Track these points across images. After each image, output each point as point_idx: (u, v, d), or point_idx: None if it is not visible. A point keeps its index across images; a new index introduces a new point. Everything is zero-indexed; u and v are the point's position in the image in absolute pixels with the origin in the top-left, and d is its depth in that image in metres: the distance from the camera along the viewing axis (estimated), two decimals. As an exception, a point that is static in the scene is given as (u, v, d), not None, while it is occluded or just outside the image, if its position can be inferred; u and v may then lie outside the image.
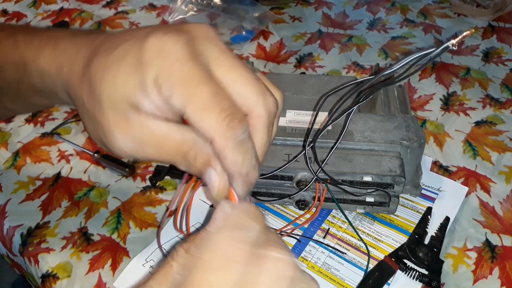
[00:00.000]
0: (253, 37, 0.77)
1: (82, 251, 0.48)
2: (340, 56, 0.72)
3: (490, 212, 0.49)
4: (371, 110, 0.54)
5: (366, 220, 0.48)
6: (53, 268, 0.47)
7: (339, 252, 0.46)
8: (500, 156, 0.55)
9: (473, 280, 0.44)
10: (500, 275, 0.44)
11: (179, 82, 0.26)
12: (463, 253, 0.46)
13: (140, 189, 0.54)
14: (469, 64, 0.69)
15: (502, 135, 0.58)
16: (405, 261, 0.44)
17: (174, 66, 0.26)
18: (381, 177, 0.43)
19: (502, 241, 0.47)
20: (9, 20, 0.86)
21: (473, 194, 0.51)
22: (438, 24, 0.77)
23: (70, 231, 0.50)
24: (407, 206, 0.49)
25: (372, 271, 0.43)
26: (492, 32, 0.75)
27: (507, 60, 0.69)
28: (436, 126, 0.59)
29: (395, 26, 0.78)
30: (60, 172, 0.57)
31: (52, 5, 0.90)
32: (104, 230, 0.50)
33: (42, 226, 0.51)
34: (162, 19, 0.83)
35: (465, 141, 0.57)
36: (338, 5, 0.85)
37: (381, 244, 0.46)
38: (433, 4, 0.82)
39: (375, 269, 0.43)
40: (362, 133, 0.46)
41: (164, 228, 0.49)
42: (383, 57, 0.71)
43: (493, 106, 0.62)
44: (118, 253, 0.47)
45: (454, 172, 0.53)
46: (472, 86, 0.65)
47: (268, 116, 0.28)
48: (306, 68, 0.70)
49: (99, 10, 0.88)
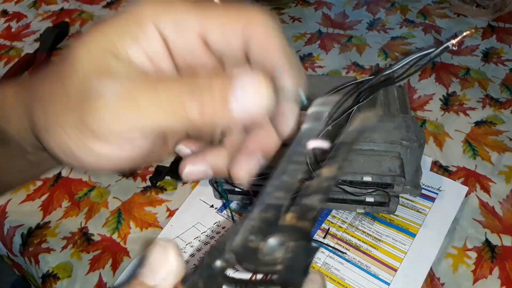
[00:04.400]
0: (253, 37, 0.77)
1: (82, 251, 0.48)
2: (340, 56, 0.72)
3: (490, 212, 0.49)
4: (371, 110, 0.54)
5: (366, 220, 0.48)
6: (54, 268, 0.47)
7: (339, 252, 0.46)
8: (499, 156, 0.55)
9: (473, 280, 0.44)
10: (500, 275, 0.44)
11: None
12: (463, 253, 0.46)
13: (141, 189, 0.54)
14: (468, 64, 0.69)
15: (501, 135, 0.58)
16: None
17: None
18: (381, 177, 0.43)
19: (502, 241, 0.47)
20: (10, 20, 0.87)
21: (473, 194, 0.51)
22: (437, 24, 0.77)
23: (70, 231, 0.50)
24: (407, 206, 0.49)
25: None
26: (491, 32, 0.75)
27: (507, 60, 0.69)
28: (436, 126, 0.59)
29: (395, 26, 0.78)
30: (61, 172, 0.57)
31: (52, 5, 0.90)
32: (105, 230, 0.50)
33: (42, 226, 0.51)
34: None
35: (465, 141, 0.57)
36: (337, 5, 0.85)
37: (381, 244, 0.46)
38: (432, 4, 0.82)
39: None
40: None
41: (164, 228, 0.49)
42: (383, 57, 0.71)
43: (492, 106, 0.62)
44: (119, 253, 0.47)
45: (454, 172, 0.53)
46: (472, 86, 0.65)
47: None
48: (306, 69, 0.70)
49: (100, 11, 0.88)
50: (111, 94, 0.21)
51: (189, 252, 0.46)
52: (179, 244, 0.47)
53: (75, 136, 0.23)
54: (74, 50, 0.23)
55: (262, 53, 0.23)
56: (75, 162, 0.24)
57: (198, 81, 0.20)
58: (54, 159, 0.25)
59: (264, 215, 0.19)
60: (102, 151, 0.23)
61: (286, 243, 0.19)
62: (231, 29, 0.22)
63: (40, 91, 0.25)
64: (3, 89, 0.28)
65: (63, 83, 0.23)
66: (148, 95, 0.21)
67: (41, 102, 0.24)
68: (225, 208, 0.50)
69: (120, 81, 0.21)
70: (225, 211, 0.50)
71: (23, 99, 0.26)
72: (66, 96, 0.23)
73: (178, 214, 0.50)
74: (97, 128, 0.22)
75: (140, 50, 0.22)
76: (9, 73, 0.72)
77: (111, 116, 0.21)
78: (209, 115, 0.20)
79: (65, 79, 0.23)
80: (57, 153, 0.24)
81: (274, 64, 0.22)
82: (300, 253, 0.20)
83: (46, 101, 0.24)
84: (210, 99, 0.20)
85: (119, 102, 0.21)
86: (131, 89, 0.21)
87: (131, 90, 0.21)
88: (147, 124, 0.21)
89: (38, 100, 0.24)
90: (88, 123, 0.22)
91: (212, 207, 0.51)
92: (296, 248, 0.19)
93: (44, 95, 0.24)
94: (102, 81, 0.21)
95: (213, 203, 0.51)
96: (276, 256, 0.19)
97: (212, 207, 0.51)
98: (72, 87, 0.22)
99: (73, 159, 0.23)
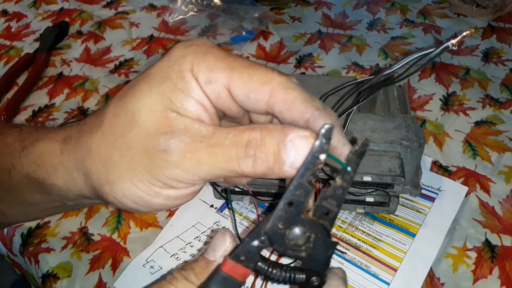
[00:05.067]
0: (253, 37, 0.77)
1: (82, 251, 0.48)
2: (340, 56, 0.72)
3: (490, 212, 0.49)
4: (371, 110, 0.54)
5: (366, 220, 0.48)
6: (54, 268, 0.47)
7: (339, 252, 0.46)
8: (499, 156, 0.55)
9: (473, 280, 0.44)
10: (500, 275, 0.44)
11: (228, 62, 0.25)
12: (462, 253, 0.46)
13: (140, 189, 0.54)
14: (468, 64, 0.69)
15: (501, 135, 0.58)
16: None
17: (214, 50, 0.25)
18: (381, 177, 0.43)
19: (502, 241, 0.47)
20: (9, 20, 0.87)
21: (472, 194, 0.51)
22: (437, 24, 0.77)
23: (70, 231, 0.50)
24: (407, 206, 0.49)
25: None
26: (491, 32, 0.75)
27: (507, 60, 0.69)
28: (435, 126, 0.59)
29: (395, 26, 0.78)
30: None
31: (52, 5, 0.90)
32: (105, 230, 0.50)
33: (42, 226, 0.51)
34: (162, 19, 0.83)
35: (464, 141, 0.57)
36: (338, 5, 0.85)
37: (381, 244, 0.46)
38: (432, 4, 0.82)
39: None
40: (362, 133, 0.46)
41: (164, 228, 0.49)
42: (383, 57, 0.71)
43: (492, 106, 0.62)
44: (119, 253, 0.47)
45: (453, 172, 0.53)
46: (472, 86, 0.65)
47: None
48: (306, 69, 0.70)
49: (99, 11, 0.88)
50: (176, 149, 0.24)
51: (189, 252, 0.46)
52: (179, 244, 0.47)
53: (144, 186, 0.25)
54: (130, 106, 0.25)
55: (286, 107, 0.25)
56: (144, 207, 0.27)
57: (250, 138, 0.23)
58: (112, 205, 0.29)
59: (288, 208, 0.23)
60: (169, 193, 0.26)
61: (308, 233, 0.24)
62: (251, 89, 0.25)
63: (94, 146, 0.27)
64: (45, 141, 0.30)
65: (125, 138, 0.25)
66: (207, 152, 0.24)
67: (99, 157, 0.26)
68: (227, 207, 0.51)
69: (183, 137, 0.24)
70: (225, 210, 0.50)
71: (73, 155, 0.28)
72: (129, 150, 0.25)
73: (178, 214, 0.50)
74: (164, 177, 0.25)
75: (193, 100, 0.25)
76: (9, 73, 0.72)
77: (177, 168, 0.24)
78: (262, 169, 0.23)
79: (127, 134, 0.25)
80: (124, 201, 0.27)
81: (301, 113, 0.25)
82: (321, 245, 0.24)
83: (104, 156, 0.26)
84: (263, 155, 0.23)
85: (182, 157, 0.24)
86: (192, 145, 0.24)
87: (192, 147, 0.24)
88: (206, 175, 0.24)
89: (94, 155, 0.26)
90: (156, 175, 0.25)
91: (212, 207, 0.51)
92: (317, 240, 0.24)
93: (101, 151, 0.26)
94: (167, 137, 0.24)
95: (213, 203, 0.51)
96: (300, 243, 0.24)
97: (212, 207, 0.51)
98: (135, 141, 0.25)
99: (142, 204, 0.27)
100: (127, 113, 0.25)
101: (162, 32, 0.81)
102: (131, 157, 0.25)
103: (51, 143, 0.29)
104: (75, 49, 0.78)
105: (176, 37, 0.79)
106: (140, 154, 0.25)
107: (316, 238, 0.24)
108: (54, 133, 0.30)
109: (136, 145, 0.25)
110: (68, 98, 0.69)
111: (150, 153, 0.24)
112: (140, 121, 0.25)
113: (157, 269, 0.45)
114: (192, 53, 0.25)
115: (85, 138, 0.27)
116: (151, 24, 0.83)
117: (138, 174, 0.25)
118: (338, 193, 0.23)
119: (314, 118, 0.25)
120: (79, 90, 0.70)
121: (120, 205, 0.27)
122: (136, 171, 0.25)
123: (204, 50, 0.25)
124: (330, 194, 0.23)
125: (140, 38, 0.79)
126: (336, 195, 0.23)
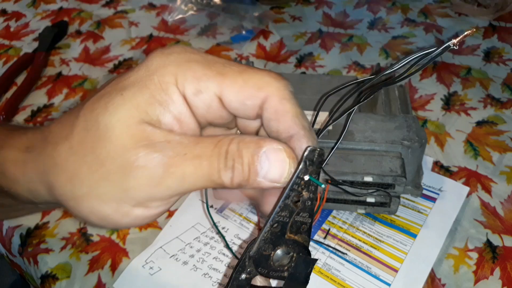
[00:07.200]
0: (253, 36, 0.77)
1: (81, 252, 0.48)
2: (341, 55, 0.72)
3: (491, 212, 0.49)
4: (372, 110, 0.54)
5: (367, 221, 0.48)
6: (53, 269, 0.47)
7: (340, 253, 0.45)
8: (501, 156, 0.55)
9: (474, 280, 0.44)
10: (501, 275, 0.44)
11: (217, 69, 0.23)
12: (464, 253, 0.46)
13: (140, 190, 0.54)
14: (470, 64, 0.68)
15: (503, 135, 0.57)
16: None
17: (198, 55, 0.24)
18: (382, 177, 0.43)
19: (503, 241, 0.47)
20: (8, 20, 0.86)
21: (474, 194, 0.51)
22: (439, 24, 0.77)
23: (69, 231, 0.50)
24: (408, 206, 0.49)
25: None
26: (493, 31, 0.74)
27: (508, 60, 0.69)
28: (437, 126, 0.59)
29: (396, 25, 0.77)
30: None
31: (51, 4, 0.90)
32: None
33: (41, 227, 0.51)
34: (162, 18, 0.83)
35: (466, 141, 0.57)
36: (338, 4, 0.84)
37: (382, 244, 0.46)
38: (434, 3, 0.82)
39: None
40: (363, 133, 0.46)
41: (163, 229, 0.49)
42: (384, 56, 0.71)
43: (494, 106, 0.61)
44: (118, 254, 0.47)
45: (455, 172, 0.53)
46: (473, 86, 0.65)
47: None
48: (307, 68, 0.70)
49: (98, 10, 0.87)
50: (155, 164, 0.22)
51: (188, 253, 0.46)
52: (178, 245, 0.47)
53: (112, 205, 0.24)
54: (102, 120, 0.23)
55: (275, 117, 0.24)
56: (110, 225, 0.25)
57: (228, 150, 0.22)
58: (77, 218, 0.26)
59: (274, 229, 0.24)
60: (138, 214, 0.24)
61: (291, 253, 0.25)
62: (247, 95, 0.24)
63: (60, 160, 0.24)
64: (6, 150, 0.28)
65: (96, 154, 0.23)
66: (192, 164, 0.22)
67: (65, 172, 0.24)
68: (226, 208, 0.50)
69: (166, 151, 0.22)
70: (226, 210, 0.50)
71: (37, 166, 0.26)
72: (100, 167, 0.23)
73: (177, 214, 0.50)
74: (139, 196, 0.23)
75: (170, 115, 0.23)
76: (7, 72, 0.71)
77: (155, 185, 0.23)
78: (239, 180, 0.23)
79: (98, 150, 0.23)
80: (90, 218, 0.25)
81: (288, 128, 0.24)
82: (301, 263, 0.25)
83: (72, 171, 0.24)
84: (240, 167, 0.22)
85: (165, 172, 0.22)
86: (176, 159, 0.22)
87: (176, 160, 0.22)
88: (189, 189, 0.23)
89: (59, 169, 0.24)
90: (129, 193, 0.23)
91: (212, 207, 0.51)
92: (298, 259, 0.25)
93: (68, 165, 0.24)
94: (143, 151, 0.22)
95: (212, 204, 0.51)
96: (284, 263, 0.25)
97: (211, 207, 0.51)
98: (108, 158, 0.23)
99: (108, 223, 0.25)
100: (98, 128, 0.23)
101: (161, 31, 0.80)
102: (102, 175, 0.23)
103: (13, 152, 0.27)
104: (74, 49, 0.78)
105: (175, 36, 0.79)
106: (113, 172, 0.23)
107: (298, 256, 0.25)
108: (16, 139, 0.28)
109: (110, 162, 0.23)
110: (67, 98, 0.68)
111: (126, 170, 0.22)
112: (114, 136, 0.23)
113: (156, 270, 0.45)
114: (174, 62, 0.23)
115: (49, 150, 0.25)
116: (151, 23, 0.82)
117: (108, 193, 0.23)
118: (308, 205, 0.24)
119: (298, 137, 0.24)
120: (78, 90, 0.69)
121: (86, 221, 0.26)
122: (106, 189, 0.23)
123: (186, 57, 0.24)
124: (301, 209, 0.24)
125: (139, 37, 0.79)
126: (306, 208, 0.24)
